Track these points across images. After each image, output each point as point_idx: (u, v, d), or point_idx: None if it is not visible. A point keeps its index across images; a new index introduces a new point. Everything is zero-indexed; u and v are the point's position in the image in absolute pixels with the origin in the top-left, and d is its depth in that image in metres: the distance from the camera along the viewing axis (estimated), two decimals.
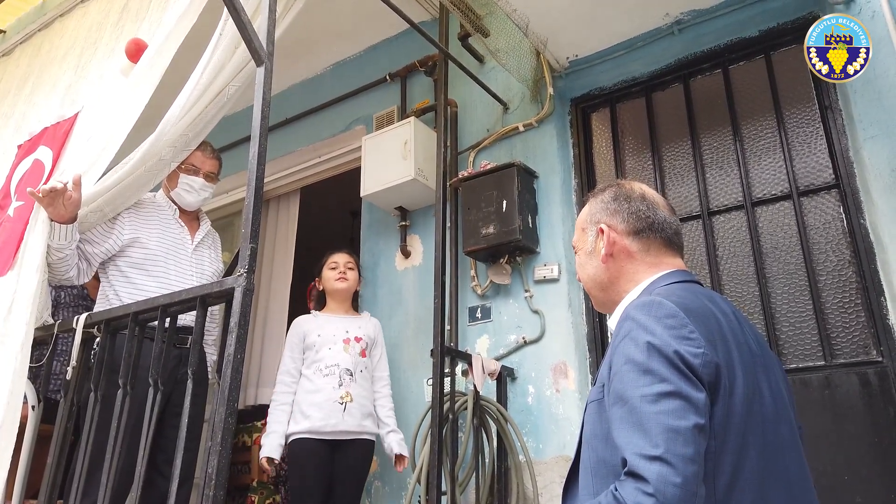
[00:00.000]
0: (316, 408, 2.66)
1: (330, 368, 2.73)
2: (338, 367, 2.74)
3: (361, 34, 3.79)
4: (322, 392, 2.69)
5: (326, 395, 2.68)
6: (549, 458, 2.58)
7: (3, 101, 3.13)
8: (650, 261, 1.39)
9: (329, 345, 2.78)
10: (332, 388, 2.70)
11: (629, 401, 1.11)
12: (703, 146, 2.79)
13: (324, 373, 2.72)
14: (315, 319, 2.91)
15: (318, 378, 2.72)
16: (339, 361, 2.75)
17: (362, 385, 2.78)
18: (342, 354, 2.77)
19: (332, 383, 2.71)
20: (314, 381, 2.72)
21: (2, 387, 1.89)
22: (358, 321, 2.94)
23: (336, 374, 2.72)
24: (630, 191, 1.46)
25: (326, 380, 2.71)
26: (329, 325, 2.85)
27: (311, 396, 2.69)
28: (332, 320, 2.89)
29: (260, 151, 1.81)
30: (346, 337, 2.83)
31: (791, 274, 2.46)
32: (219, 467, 1.51)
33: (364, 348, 2.86)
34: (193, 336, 1.76)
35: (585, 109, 3.12)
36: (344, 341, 2.81)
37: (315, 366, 2.75)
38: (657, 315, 1.17)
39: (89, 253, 2.32)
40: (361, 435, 2.72)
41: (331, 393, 2.69)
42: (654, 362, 1.11)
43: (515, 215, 2.77)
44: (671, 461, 1.02)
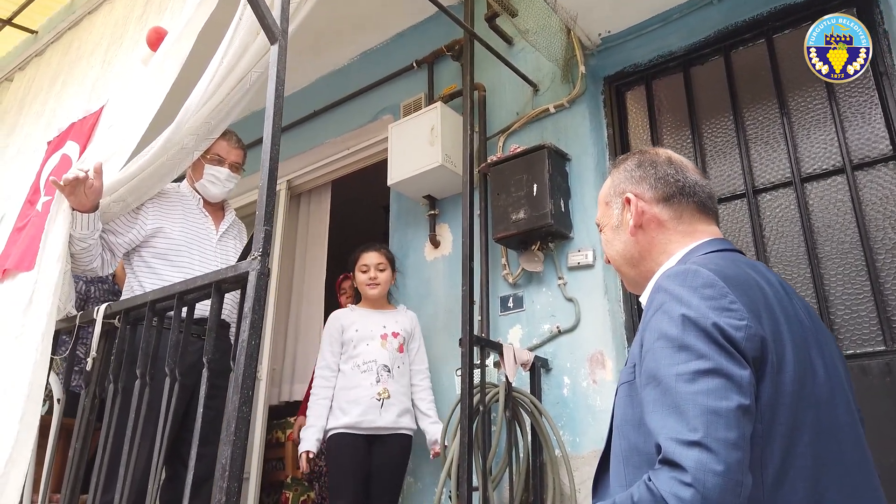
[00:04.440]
0: (353, 404, 2.66)
1: (368, 364, 2.72)
2: (375, 364, 2.73)
3: (387, 22, 3.72)
4: (360, 388, 2.68)
5: (364, 391, 2.67)
6: (586, 453, 2.46)
7: (35, 100, 3.17)
8: (683, 229, 1.26)
9: (367, 340, 2.77)
10: (370, 384, 2.69)
11: (663, 380, 0.99)
12: (746, 121, 2.62)
13: (361, 369, 2.71)
14: (352, 313, 2.90)
15: (355, 374, 2.71)
16: (376, 357, 2.74)
17: (399, 381, 2.75)
18: (380, 350, 2.76)
19: (369, 379, 2.70)
20: (352, 378, 2.71)
21: (22, 379, 1.87)
22: (395, 315, 2.91)
23: (374, 370, 2.71)
24: (655, 155, 1.34)
25: (364, 376, 2.70)
26: (367, 320, 2.84)
27: (348, 393, 2.69)
28: (369, 315, 2.88)
29: (274, 131, 1.75)
30: (383, 332, 2.81)
31: (846, 253, 2.28)
32: (233, 457, 1.45)
33: (402, 343, 2.83)
34: (209, 323, 1.70)
35: (619, 88, 2.97)
36: (381, 337, 2.79)
37: (353, 361, 2.74)
38: (693, 285, 1.05)
39: (113, 243, 2.30)
40: (398, 430, 2.70)
41: (368, 389, 2.68)
42: (690, 337, 1.00)
43: (547, 199, 2.65)
44: (712, 447, 0.90)
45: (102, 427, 1.86)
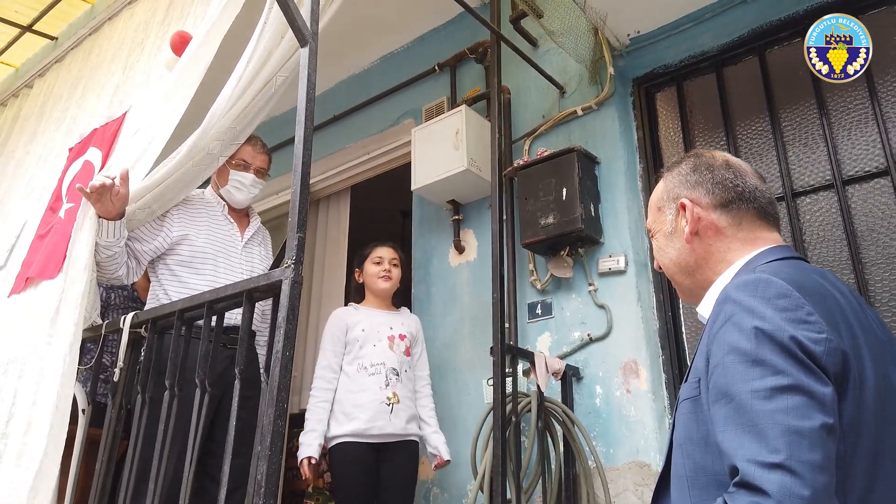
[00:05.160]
0: (361, 409, 2.51)
1: (376, 367, 2.59)
2: (384, 366, 2.60)
3: (408, 26, 3.68)
4: (368, 392, 2.54)
5: (373, 395, 2.53)
6: (621, 465, 2.39)
7: (56, 107, 3.15)
8: (743, 237, 1.20)
9: (373, 341, 2.63)
10: (379, 387, 2.55)
11: (736, 397, 0.93)
12: (783, 122, 2.54)
13: (369, 371, 2.57)
14: (357, 312, 2.75)
15: (362, 377, 2.56)
16: (385, 360, 2.61)
17: (407, 386, 2.64)
18: (388, 353, 2.63)
19: (378, 383, 2.56)
20: (358, 380, 2.56)
21: (49, 390, 1.83)
22: (400, 317, 2.80)
23: (382, 373, 2.58)
24: (712, 159, 1.28)
25: (373, 379, 2.56)
26: (373, 320, 2.70)
27: (355, 396, 2.54)
28: (375, 314, 2.74)
29: (306, 136, 1.70)
30: (390, 334, 2.68)
31: (892, 258, 2.20)
32: (268, 473, 1.40)
33: (408, 346, 2.72)
34: (241, 333, 1.65)
35: (649, 89, 2.91)
36: (389, 338, 2.66)
37: (358, 363, 2.59)
38: (765, 295, 0.98)
39: (138, 251, 2.26)
40: (407, 437, 2.58)
41: (377, 393, 2.54)
42: (765, 351, 0.93)
43: (577, 203, 2.59)
44: (796, 469, 0.84)
45: (130, 439, 1.82)
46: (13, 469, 1.77)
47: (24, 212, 2.66)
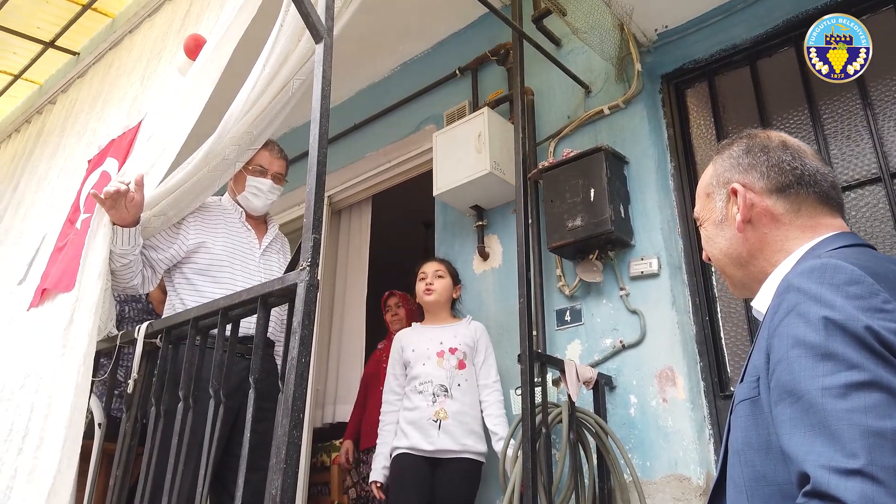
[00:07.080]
0: (413, 427, 2.59)
1: (424, 385, 2.64)
2: (431, 385, 2.62)
3: (428, 31, 3.63)
4: (418, 410, 2.61)
5: (421, 412, 2.59)
6: (658, 478, 2.25)
7: (77, 121, 3.14)
8: (802, 223, 1.09)
9: (423, 360, 2.70)
10: (427, 405, 2.60)
11: (804, 395, 0.82)
12: (823, 115, 2.42)
13: (418, 389, 2.64)
14: (412, 332, 2.85)
15: (414, 396, 2.65)
16: (432, 378, 2.64)
17: (461, 400, 2.60)
18: (436, 370, 2.65)
19: (426, 401, 2.61)
20: (411, 399, 2.65)
21: (63, 402, 1.77)
22: (454, 329, 2.77)
23: (429, 391, 2.61)
24: (767, 139, 1.17)
25: (421, 397, 2.63)
26: (422, 338, 2.76)
27: (408, 414, 2.63)
28: (426, 332, 2.79)
29: (321, 133, 1.63)
30: (439, 350, 2.69)
31: None
32: (283, 488, 1.31)
33: (462, 359, 2.68)
34: (255, 340, 1.58)
35: (678, 85, 2.80)
36: (437, 354, 2.68)
37: (413, 383, 2.68)
38: (834, 282, 0.87)
39: (154, 259, 2.21)
40: (463, 454, 2.53)
41: (425, 411, 2.59)
42: (836, 343, 0.82)
43: (606, 205, 2.48)
44: (878, 476, 0.73)
45: (145, 452, 1.74)
46: (24, 486, 1.70)
47: (44, 225, 2.63)
